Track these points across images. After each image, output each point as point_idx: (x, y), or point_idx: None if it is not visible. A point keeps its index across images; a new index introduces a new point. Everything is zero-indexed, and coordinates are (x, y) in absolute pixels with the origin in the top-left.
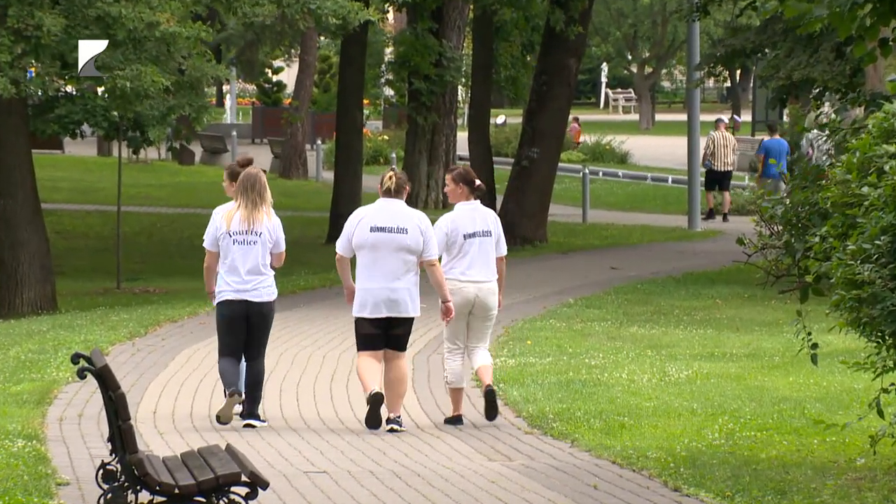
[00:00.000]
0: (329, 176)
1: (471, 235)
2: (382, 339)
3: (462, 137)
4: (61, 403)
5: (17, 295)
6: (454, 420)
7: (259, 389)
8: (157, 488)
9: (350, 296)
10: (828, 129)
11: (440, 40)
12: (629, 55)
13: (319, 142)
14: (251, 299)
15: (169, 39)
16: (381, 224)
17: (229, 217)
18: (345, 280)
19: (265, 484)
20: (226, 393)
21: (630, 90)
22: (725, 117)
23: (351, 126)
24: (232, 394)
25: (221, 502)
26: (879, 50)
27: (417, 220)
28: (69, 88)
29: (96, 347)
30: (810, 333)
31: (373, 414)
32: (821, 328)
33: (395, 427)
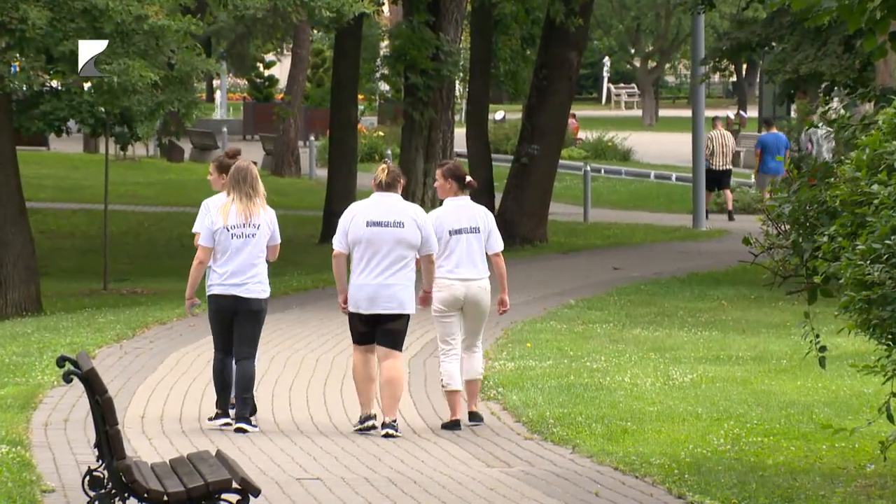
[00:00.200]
0: (322, 173)
1: (456, 232)
2: (373, 334)
3: (460, 134)
4: (46, 408)
5: (1, 296)
6: (452, 425)
7: (250, 392)
8: (146, 495)
9: (343, 299)
10: (836, 126)
11: (437, 33)
12: (632, 49)
13: (313, 138)
14: (240, 294)
15: (157, 33)
16: (377, 218)
17: (225, 212)
18: (339, 281)
19: (257, 491)
20: (217, 405)
21: (633, 85)
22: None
23: (345, 122)
24: (237, 431)
25: None
26: (890, 44)
27: (414, 214)
28: (54, 83)
29: (82, 350)
30: (818, 336)
31: (364, 431)
32: (829, 330)
33: (391, 432)
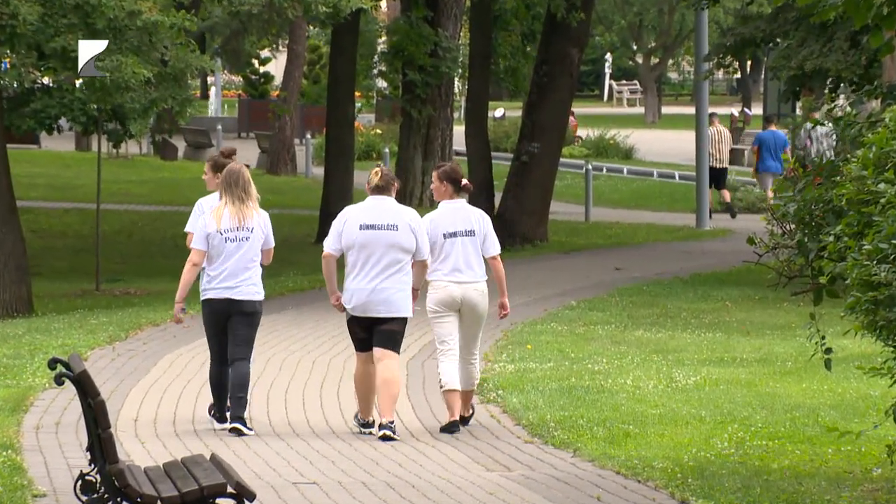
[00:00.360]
0: (319, 172)
1: (451, 235)
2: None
3: (459, 131)
4: (38, 411)
5: None
6: (450, 427)
7: (244, 392)
8: (139, 500)
9: (336, 298)
10: (842, 123)
11: (436, 29)
12: (634, 45)
13: (309, 136)
14: (234, 297)
15: (151, 29)
16: (371, 222)
17: (218, 215)
18: (329, 283)
19: (252, 496)
20: (211, 411)
21: (635, 82)
22: (734, 111)
23: (342, 119)
24: (231, 431)
25: None
26: None
27: (408, 218)
28: (46, 80)
29: (74, 352)
30: (824, 337)
31: (366, 433)
32: (835, 332)
33: (388, 434)
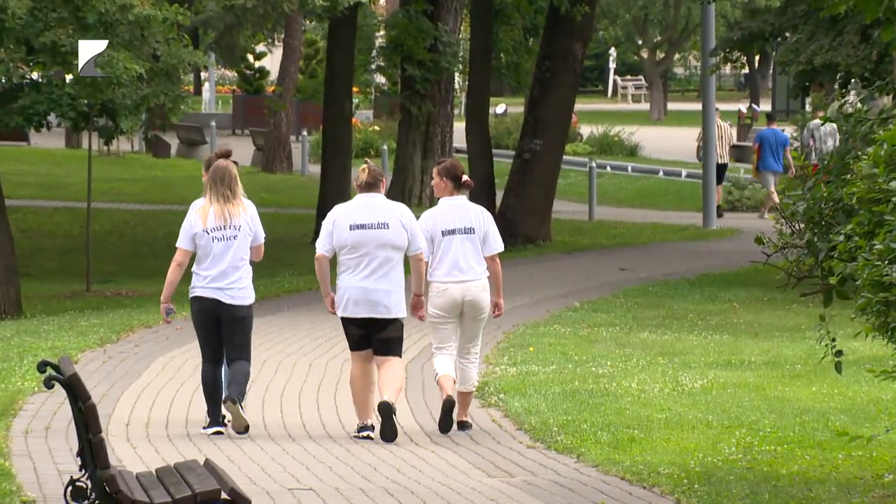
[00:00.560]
0: (315, 170)
1: (449, 232)
2: (369, 338)
3: (459, 128)
4: (27, 415)
5: None
6: (446, 407)
7: (244, 381)
8: None
9: (330, 301)
10: (853, 120)
11: (435, 23)
12: (639, 39)
13: (305, 133)
14: (223, 300)
15: (143, 23)
16: (361, 221)
17: (204, 214)
18: (323, 285)
19: (247, 502)
20: (208, 413)
21: (640, 77)
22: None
23: (339, 116)
24: (225, 400)
25: None
26: None
27: (399, 214)
28: (35, 75)
29: (65, 355)
30: (834, 339)
31: (364, 437)
32: (846, 334)
33: (387, 402)
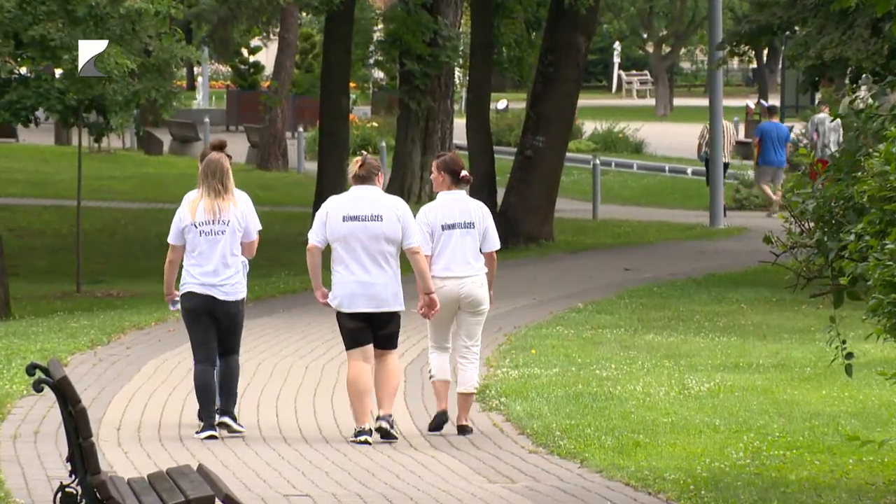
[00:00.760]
0: (312, 167)
1: (449, 227)
2: (368, 333)
3: (459, 124)
4: (15, 419)
5: None
6: (438, 419)
7: (234, 385)
8: None
9: (320, 295)
10: (864, 116)
11: (435, 17)
12: (644, 33)
13: (301, 129)
14: (217, 296)
15: (134, 17)
16: (354, 213)
17: (193, 207)
18: (314, 277)
19: None
20: (200, 417)
21: (645, 72)
22: (750, 102)
23: (336, 112)
24: (220, 416)
25: None
26: None
27: (394, 207)
28: (23, 70)
29: (54, 357)
30: (845, 341)
31: (361, 442)
32: (857, 336)
33: (385, 427)
